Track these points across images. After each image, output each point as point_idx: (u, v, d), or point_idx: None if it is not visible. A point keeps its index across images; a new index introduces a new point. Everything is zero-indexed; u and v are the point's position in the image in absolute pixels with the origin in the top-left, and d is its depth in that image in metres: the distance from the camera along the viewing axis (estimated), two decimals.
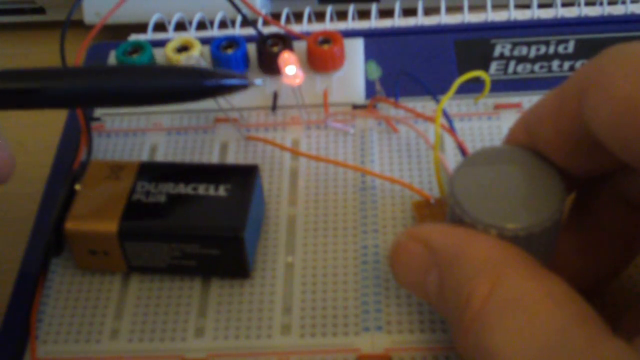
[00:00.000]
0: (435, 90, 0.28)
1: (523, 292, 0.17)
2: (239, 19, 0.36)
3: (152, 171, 0.26)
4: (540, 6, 0.36)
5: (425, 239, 0.20)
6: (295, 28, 0.36)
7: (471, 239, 0.19)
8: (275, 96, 0.31)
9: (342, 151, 0.29)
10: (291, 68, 0.29)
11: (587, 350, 0.16)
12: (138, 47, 0.32)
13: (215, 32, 0.37)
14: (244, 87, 0.26)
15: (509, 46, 0.32)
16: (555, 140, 0.19)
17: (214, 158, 0.29)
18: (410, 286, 0.21)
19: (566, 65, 0.31)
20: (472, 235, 0.19)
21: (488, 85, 0.29)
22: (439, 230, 0.20)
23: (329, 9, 0.38)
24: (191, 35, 0.36)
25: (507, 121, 0.29)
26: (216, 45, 0.31)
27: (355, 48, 0.33)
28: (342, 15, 0.39)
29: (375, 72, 0.30)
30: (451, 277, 0.18)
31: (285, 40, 0.31)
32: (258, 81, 0.27)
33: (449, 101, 0.30)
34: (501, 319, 0.17)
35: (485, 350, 0.17)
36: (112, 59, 0.34)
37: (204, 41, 0.33)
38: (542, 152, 0.20)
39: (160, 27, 0.37)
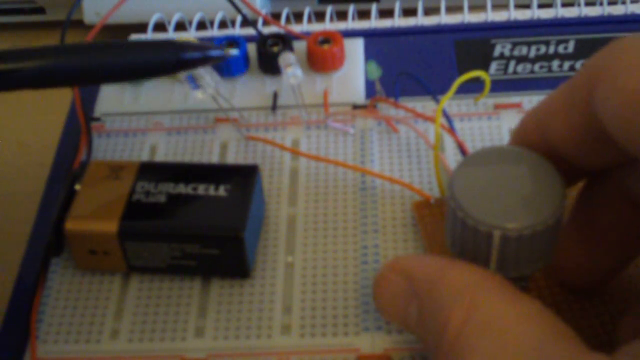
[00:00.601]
0: (435, 90, 0.28)
1: (498, 314, 0.17)
2: (239, 19, 0.36)
3: (152, 171, 0.26)
4: (540, 6, 0.36)
5: (405, 270, 0.20)
6: (295, 28, 0.36)
7: (447, 268, 0.19)
8: (275, 96, 0.31)
9: (342, 151, 0.29)
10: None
11: None
12: None
13: (215, 32, 0.37)
14: (220, 58, 0.26)
15: (509, 46, 0.32)
16: (565, 132, 0.19)
17: (214, 158, 0.29)
18: (393, 317, 0.21)
19: (566, 65, 0.31)
20: (448, 264, 0.19)
21: (488, 85, 0.29)
22: (417, 260, 0.20)
23: (329, 9, 0.38)
24: (191, 35, 0.36)
25: (507, 121, 0.29)
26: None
27: (355, 48, 0.33)
28: (342, 15, 0.39)
29: (375, 72, 0.30)
30: (429, 305, 0.19)
31: (285, 40, 0.31)
32: (233, 51, 0.28)
33: (449, 101, 0.30)
34: (479, 342, 0.17)
35: None
36: None
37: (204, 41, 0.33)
38: (552, 144, 0.20)
39: (160, 27, 0.37)
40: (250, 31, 0.35)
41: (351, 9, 0.37)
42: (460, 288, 0.18)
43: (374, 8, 0.37)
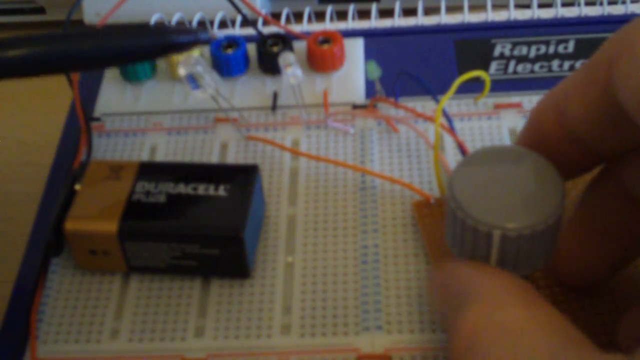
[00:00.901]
0: (435, 90, 0.28)
1: (511, 319, 0.17)
2: (239, 19, 0.36)
3: (152, 171, 0.26)
4: (540, 6, 0.36)
5: (445, 272, 0.20)
6: (295, 28, 0.36)
7: (472, 272, 0.19)
8: (275, 96, 0.31)
9: (342, 151, 0.29)
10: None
11: None
12: None
13: (215, 32, 0.37)
14: (207, 41, 0.27)
15: (509, 46, 0.32)
16: (582, 112, 0.19)
17: (214, 158, 0.29)
18: (438, 316, 0.21)
19: (566, 65, 0.31)
20: (474, 268, 0.19)
21: (488, 85, 0.29)
22: (455, 264, 0.20)
23: (329, 9, 0.38)
24: None
25: (507, 121, 0.29)
26: (216, 45, 0.31)
27: (355, 48, 0.33)
28: (342, 15, 0.39)
29: (375, 72, 0.30)
30: (454, 307, 0.19)
31: (285, 40, 0.31)
32: (220, 35, 0.29)
33: (449, 101, 0.30)
34: (491, 345, 0.17)
35: None
36: None
37: None
38: (568, 126, 0.19)
39: None
40: (250, 31, 0.35)
41: (351, 8, 0.37)
42: (478, 291, 0.18)
43: (374, 8, 0.37)
